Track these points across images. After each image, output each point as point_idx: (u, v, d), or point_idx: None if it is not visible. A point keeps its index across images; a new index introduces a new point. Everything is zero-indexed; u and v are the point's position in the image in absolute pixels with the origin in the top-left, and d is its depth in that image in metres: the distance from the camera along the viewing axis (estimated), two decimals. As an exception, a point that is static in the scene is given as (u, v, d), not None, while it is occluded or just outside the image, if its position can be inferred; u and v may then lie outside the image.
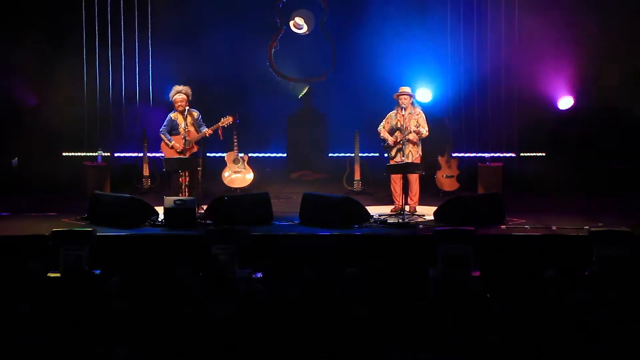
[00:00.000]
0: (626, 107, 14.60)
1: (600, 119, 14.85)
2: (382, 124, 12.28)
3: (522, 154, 15.66)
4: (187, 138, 12.10)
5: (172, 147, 12.23)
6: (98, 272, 9.07)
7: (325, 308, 6.50)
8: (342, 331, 5.93)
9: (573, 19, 14.69)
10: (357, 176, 14.63)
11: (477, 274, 8.89)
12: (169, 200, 11.18)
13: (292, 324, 6.11)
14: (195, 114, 12.32)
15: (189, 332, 5.89)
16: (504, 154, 15.47)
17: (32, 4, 15.20)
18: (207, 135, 12.32)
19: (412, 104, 12.22)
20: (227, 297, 7.09)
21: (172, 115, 12.35)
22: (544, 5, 14.91)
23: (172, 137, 12.29)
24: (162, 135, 12.33)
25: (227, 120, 12.39)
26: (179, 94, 12.24)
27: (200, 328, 5.91)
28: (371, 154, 15.49)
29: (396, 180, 12.22)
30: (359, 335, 5.87)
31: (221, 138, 12.71)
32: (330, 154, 16.36)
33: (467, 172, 14.62)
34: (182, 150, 12.13)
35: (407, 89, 12.22)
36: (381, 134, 12.25)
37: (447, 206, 11.46)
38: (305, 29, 16.06)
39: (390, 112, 12.27)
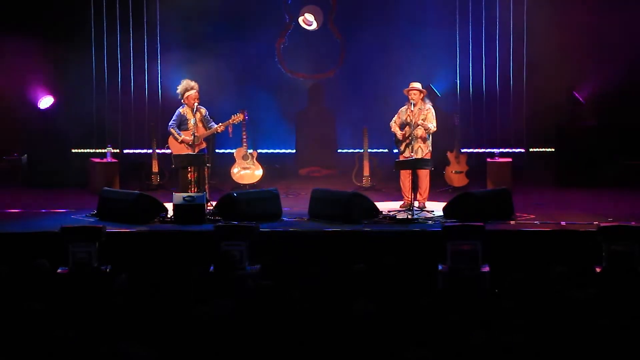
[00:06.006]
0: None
1: (610, 114, 14.79)
2: (394, 118, 12.27)
3: (531, 149, 15.62)
4: (195, 134, 12.09)
5: (181, 142, 12.22)
6: (107, 268, 9.11)
7: (332, 305, 6.50)
8: (348, 328, 5.92)
9: (581, 12, 14.63)
10: (366, 172, 14.63)
11: (486, 269, 8.89)
12: (178, 196, 11.19)
13: (300, 320, 6.10)
14: (203, 110, 12.32)
15: (197, 329, 5.89)
16: (513, 150, 15.44)
17: (42, 3, 15.22)
18: (218, 131, 12.33)
19: (423, 99, 12.20)
20: (236, 293, 7.09)
21: (181, 110, 12.35)
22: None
23: (181, 133, 12.28)
24: (172, 130, 12.31)
25: (237, 118, 12.38)
26: (192, 90, 12.23)
27: (208, 324, 5.91)
28: (380, 150, 15.47)
29: (405, 176, 12.20)
30: (365, 332, 5.86)
31: (230, 135, 12.73)
32: (339, 150, 16.34)
33: (476, 167, 14.57)
34: (190, 145, 12.11)
35: (417, 85, 12.20)
36: (392, 129, 12.25)
37: (456, 202, 11.44)
38: (314, 25, 16.04)
39: (402, 107, 12.25)
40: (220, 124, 12.31)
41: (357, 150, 15.24)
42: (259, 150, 14.77)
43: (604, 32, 14.57)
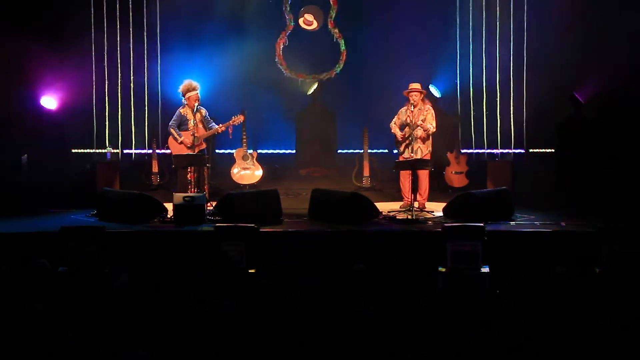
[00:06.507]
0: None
1: (610, 114, 14.76)
2: (394, 119, 12.29)
3: (531, 150, 15.61)
4: (195, 135, 12.10)
5: (180, 143, 12.24)
6: (107, 268, 9.11)
7: (332, 305, 6.50)
8: (349, 328, 5.92)
9: (581, 12, 14.61)
10: (366, 172, 14.64)
11: (486, 270, 8.89)
12: (178, 196, 11.19)
13: (300, 320, 6.10)
14: (204, 111, 12.34)
15: (197, 329, 5.89)
16: (513, 150, 15.43)
17: (42, 2, 15.21)
18: (218, 132, 12.34)
19: (423, 100, 12.20)
20: (236, 293, 7.09)
21: (181, 110, 12.37)
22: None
23: (181, 133, 12.29)
24: (172, 130, 12.33)
25: (238, 119, 12.39)
26: (194, 90, 12.25)
27: (208, 324, 5.91)
28: (380, 150, 15.48)
29: (405, 177, 12.22)
30: (365, 332, 5.86)
31: (230, 137, 12.73)
32: (339, 151, 16.35)
33: (476, 168, 14.58)
34: (190, 146, 12.13)
35: (417, 86, 12.20)
36: (392, 130, 12.26)
37: (456, 202, 11.45)
38: (315, 25, 16.04)
39: (402, 108, 12.27)
40: (220, 124, 12.32)
41: (357, 151, 15.25)
42: (259, 151, 14.77)
43: (604, 32, 14.54)
